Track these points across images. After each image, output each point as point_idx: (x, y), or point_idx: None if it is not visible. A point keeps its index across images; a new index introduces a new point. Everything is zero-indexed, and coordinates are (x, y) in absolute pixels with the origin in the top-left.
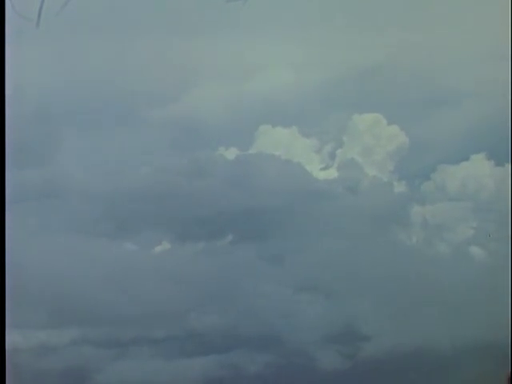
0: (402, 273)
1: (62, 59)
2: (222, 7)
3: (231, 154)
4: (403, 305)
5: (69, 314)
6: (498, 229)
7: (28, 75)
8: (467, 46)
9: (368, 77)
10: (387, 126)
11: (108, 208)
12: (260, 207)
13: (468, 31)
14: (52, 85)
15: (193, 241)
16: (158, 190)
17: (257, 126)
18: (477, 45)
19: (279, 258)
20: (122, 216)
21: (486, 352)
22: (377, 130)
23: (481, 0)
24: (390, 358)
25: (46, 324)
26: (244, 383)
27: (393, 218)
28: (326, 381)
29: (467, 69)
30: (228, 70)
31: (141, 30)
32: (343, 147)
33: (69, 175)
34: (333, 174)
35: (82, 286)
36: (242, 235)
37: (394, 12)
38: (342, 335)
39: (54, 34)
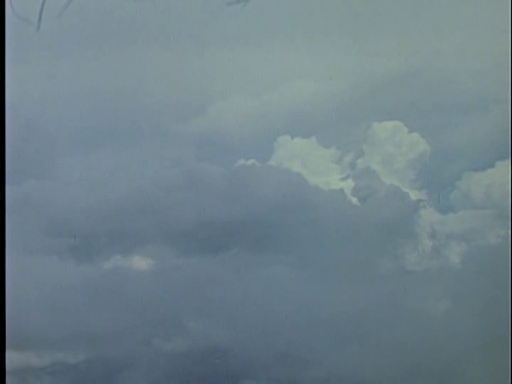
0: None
1: (66, 67)
2: (244, 19)
3: (246, 165)
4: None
5: None
6: None
7: (29, 81)
8: (490, 51)
9: (388, 85)
10: (408, 133)
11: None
12: (263, 219)
13: (493, 36)
14: (54, 93)
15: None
16: (156, 203)
17: (275, 137)
18: (501, 50)
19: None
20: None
21: None
22: (397, 138)
23: (506, 6)
24: None
25: None
26: None
27: (402, 228)
28: None
29: (491, 74)
30: (247, 82)
31: (145, 38)
32: (363, 157)
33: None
34: (348, 184)
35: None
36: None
37: (415, 19)
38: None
39: (56, 37)
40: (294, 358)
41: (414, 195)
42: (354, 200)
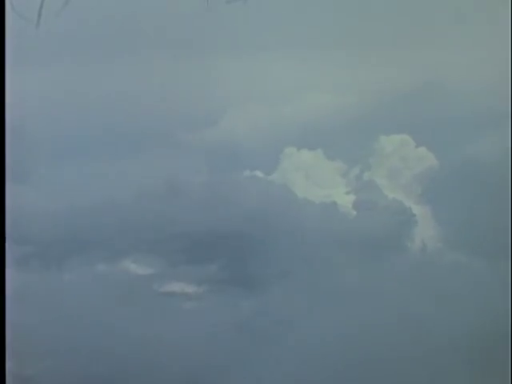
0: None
1: (61, 72)
2: (254, 32)
3: (248, 178)
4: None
5: None
6: None
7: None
8: (501, 66)
9: (396, 98)
10: (415, 147)
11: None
12: (249, 231)
13: (505, 51)
14: (47, 97)
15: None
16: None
17: (282, 149)
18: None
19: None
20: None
21: None
22: (404, 151)
23: None
24: None
25: None
26: None
27: (396, 243)
28: None
29: (501, 89)
30: (256, 94)
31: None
32: (369, 170)
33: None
34: (350, 198)
35: None
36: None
37: (424, 33)
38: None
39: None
40: None
41: (416, 210)
42: (353, 213)
